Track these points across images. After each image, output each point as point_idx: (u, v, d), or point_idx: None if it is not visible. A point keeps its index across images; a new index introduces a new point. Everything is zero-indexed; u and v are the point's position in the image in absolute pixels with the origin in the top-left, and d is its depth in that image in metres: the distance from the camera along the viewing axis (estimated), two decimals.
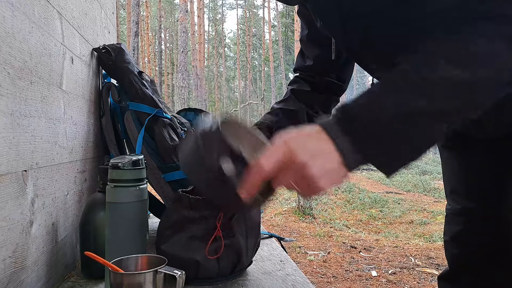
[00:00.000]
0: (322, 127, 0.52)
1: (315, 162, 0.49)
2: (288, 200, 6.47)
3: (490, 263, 0.79)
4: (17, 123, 0.69)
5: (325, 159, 0.50)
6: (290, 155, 0.50)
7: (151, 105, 1.22)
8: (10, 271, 0.66)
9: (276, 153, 0.51)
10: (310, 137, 0.51)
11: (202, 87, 20.92)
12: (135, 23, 11.13)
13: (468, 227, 0.84)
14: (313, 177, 0.49)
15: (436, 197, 6.86)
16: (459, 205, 0.86)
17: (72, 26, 1.00)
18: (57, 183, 0.89)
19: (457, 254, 0.86)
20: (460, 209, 0.86)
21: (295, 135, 0.52)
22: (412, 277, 3.07)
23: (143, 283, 0.60)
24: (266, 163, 0.51)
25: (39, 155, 0.79)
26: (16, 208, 0.68)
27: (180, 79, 11.83)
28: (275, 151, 0.51)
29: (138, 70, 1.27)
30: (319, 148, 0.50)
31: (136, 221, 0.75)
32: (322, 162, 0.50)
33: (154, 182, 1.20)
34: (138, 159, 0.78)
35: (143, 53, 26.59)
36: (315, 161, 0.49)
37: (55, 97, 0.88)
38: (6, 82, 0.65)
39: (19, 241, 0.70)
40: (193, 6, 22.47)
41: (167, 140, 1.20)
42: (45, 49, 0.82)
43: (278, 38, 26.28)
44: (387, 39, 0.68)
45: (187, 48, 12.66)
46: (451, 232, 0.87)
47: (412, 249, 3.83)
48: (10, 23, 0.66)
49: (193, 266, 0.81)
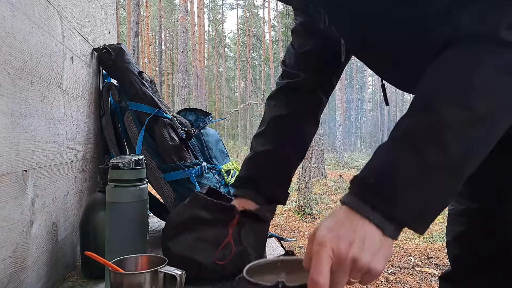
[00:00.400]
0: (349, 207, 0.50)
1: (363, 251, 0.47)
2: (288, 200, 6.47)
3: (491, 263, 0.79)
4: (17, 123, 0.69)
5: (370, 243, 0.48)
6: (337, 256, 0.47)
7: (151, 105, 1.22)
8: (10, 271, 0.66)
9: (322, 261, 0.47)
10: (343, 226, 0.49)
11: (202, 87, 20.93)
12: (135, 23, 11.13)
13: (471, 228, 0.83)
14: (369, 267, 0.47)
15: None
16: (462, 205, 0.85)
17: (72, 26, 1.00)
18: (57, 183, 0.89)
19: (459, 254, 0.86)
20: (463, 209, 0.85)
21: (328, 233, 0.48)
22: (412, 277, 3.07)
23: (143, 283, 0.60)
24: (319, 277, 0.46)
25: (39, 155, 0.79)
26: (16, 208, 0.68)
27: (180, 79, 11.83)
28: (320, 260, 0.47)
29: (138, 70, 1.27)
30: (360, 235, 0.48)
31: (136, 221, 0.75)
32: (370, 248, 0.48)
33: (154, 182, 1.20)
34: (138, 159, 0.78)
35: (143, 53, 26.59)
36: (363, 250, 0.47)
37: (55, 97, 0.88)
38: (6, 82, 0.65)
39: (19, 241, 0.70)
40: (193, 6, 22.48)
41: (167, 140, 1.20)
42: (45, 49, 0.82)
43: (278, 38, 26.28)
44: (387, 39, 0.68)
45: (187, 48, 12.66)
46: (454, 233, 0.87)
47: (412, 249, 3.83)
48: (10, 23, 0.66)
49: (197, 267, 0.81)
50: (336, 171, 12.70)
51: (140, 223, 0.76)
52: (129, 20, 18.63)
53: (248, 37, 31.36)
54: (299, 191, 6.06)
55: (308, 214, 5.53)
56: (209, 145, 1.37)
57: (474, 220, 0.83)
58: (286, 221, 5.22)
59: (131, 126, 1.22)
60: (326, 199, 7.22)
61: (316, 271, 0.47)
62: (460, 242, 0.86)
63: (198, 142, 1.34)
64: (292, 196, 6.53)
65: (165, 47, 31.23)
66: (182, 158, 1.21)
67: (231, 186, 1.27)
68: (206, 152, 1.35)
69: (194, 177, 1.18)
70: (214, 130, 1.47)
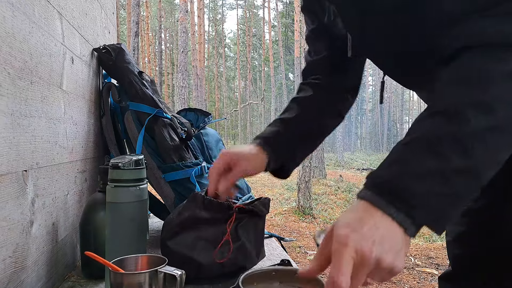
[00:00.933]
0: (370, 203, 0.49)
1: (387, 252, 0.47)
2: (288, 200, 6.47)
3: (491, 264, 0.79)
4: (18, 123, 0.69)
5: (393, 242, 0.48)
6: (361, 257, 0.46)
7: (151, 105, 1.22)
8: (10, 271, 0.66)
9: (344, 261, 0.46)
10: (365, 223, 0.48)
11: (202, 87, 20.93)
12: (135, 23, 11.13)
13: (471, 228, 0.83)
14: (392, 267, 0.47)
15: None
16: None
17: (72, 26, 1.00)
18: (58, 183, 0.89)
19: (459, 254, 0.86)
20: (464, 210, 0.85)
21: (350, 232, 0.47)
22: (412, 277, 3.07)
23: (143, 283, 0.60)
24: (341, 278, 0.45)
25: (40, 155, 0.79)
26: (16, 208, 0.68)
27: (180, 79, 11.83)
28: (342, 260, 0.46)
29: (138, 70, 1.27)
30: (382, 233, 0.47)
31: (136, 221, 0.75)
32: (393, 247, 0.47)
33: (154, 182, 1.20)
34: (138, 159, 0.78)
35: (143, 53, 26.60)
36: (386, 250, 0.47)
37: (56, 97, 0.88)
38: (7, 82, 0.65)
39: (19, 241, 0.70)
40: (193, 6, 22.48)
41: (167, 140, 1.20)
42: (45, 49, 0.82)
43: (278, 38, 26.28)
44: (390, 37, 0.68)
45: (187, 48, 12.66)
46: (454, 233, 0.87)
47: (412, 249, 3.83)
48: (10, 23, 0.66)
49: (196, 266, 0.81)
50: (336, 171, 12.71)
51: (140, 223, 0.76)
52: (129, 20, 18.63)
53: (248, 37, 31.37)
54: (299, 191, 6.06)
55: (308, 214, 5.53)
56: (209, 145, 1.37)
57: (475, 221, 0.83)
58: (286, 221, 5.22)
59: (131, 126, 1.22)
60: (326, 199, 7.22)
61: (338, 271, 0.45)
62: (460, 242, 0.86)
63: (198, 142, 1.34)
64: (292, 196, 6.53)
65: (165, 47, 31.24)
66: (182, 158, 1.21)
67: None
68: (206, 152, 1.35)
69: (194, 177, 1.18)
70: (214, 130, 1.48)
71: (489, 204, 0.80)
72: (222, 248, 0.82)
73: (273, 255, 1.05)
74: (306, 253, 3.70)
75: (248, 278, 0.62)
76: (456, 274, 0.87)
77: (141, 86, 1.23)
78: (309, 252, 3.74)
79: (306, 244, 3.98)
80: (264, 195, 1.49)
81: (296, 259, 3.53)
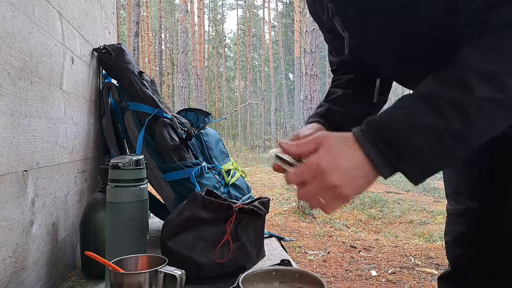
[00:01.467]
0: (356, 139, 0.53)
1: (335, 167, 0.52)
2: (288, 200, 6.47)
3: (491, 264, 0.79)
4: (18, 123, 0.69)
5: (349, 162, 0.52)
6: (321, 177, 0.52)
7: (151, 105, 1.22)
8: (11, 271, 0.66)
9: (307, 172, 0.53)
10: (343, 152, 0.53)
11: (202, 87, 20.93)
12: (135, 23, 11.13)
13: (471, 228, 0.83)
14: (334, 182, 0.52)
15: (435, 197, 6.86)
16: (462, 205, 0.85)
17: (72, 26, 1.00)
18: (58, 183, 0.89)
19: (459, 254, 0.86)
20: (463, 210, 0.85)
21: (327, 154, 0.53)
22: (411, 277, 3.07)
23: (143, 283, 0.61)
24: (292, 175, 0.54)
25: (40, 155, 0.79)
26: (16, 208, 0.68)
27: (180, 79, 11.83)
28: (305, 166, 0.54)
29: (139, 70, 1.27)
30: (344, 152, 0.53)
31: (136, 221, 0.75)
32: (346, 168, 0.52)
33: (154, 182, 1.20)
34: (138, 159, 0.78)
35: (143, 53, 26.59)
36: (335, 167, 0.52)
37: (56, 97, 0.88)
38: (7, 82, 0.65)
39: (19, 241, 0.70)
40: (193, 6, 22.47)
41: (167, 140, 1.20)
42: (46, 49, 0.82)
43: (278, 38, 26.28)
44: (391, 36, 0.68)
45: (187, 48, 12.66)
46: (453, 233, 0.87)
47: (411, 249, 3.83)
48: (10, 23, 0.66)
49: (196, 266, 0.81)
50: None
51: (140, 223, 0.76)
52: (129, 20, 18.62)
53: (248, 37, 31.35)
54: None
55: (308, 214, 5.52)
56: (209, 145, 1.37)
57: (474, 221, 0.83)
58: (286, 221, 5.22)
59: (131, 126, 1.22)
60: None
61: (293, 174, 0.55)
62: (460, 242, 0.86)
63: (198, 142, 1.34)
64: (292, 196, 6.53)
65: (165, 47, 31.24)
66: (182, 158, 1.21)
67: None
68: (206, 152, 1.35)
69: (194, 177, 1.18)
70: (214, 130, 1.48)
71: (485, 206, 0.80)
72: (222, 248, 0.82)
73: (273, 255, 1.05)
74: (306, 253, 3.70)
75: (248, 278, 0.62)
76: (456, 274, 0.87)
77: (141, 86, 1.23)
78: (309, 252, 3.74)
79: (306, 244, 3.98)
80: (264, 195, 1.49)
81: (296, 259, 3.53)
